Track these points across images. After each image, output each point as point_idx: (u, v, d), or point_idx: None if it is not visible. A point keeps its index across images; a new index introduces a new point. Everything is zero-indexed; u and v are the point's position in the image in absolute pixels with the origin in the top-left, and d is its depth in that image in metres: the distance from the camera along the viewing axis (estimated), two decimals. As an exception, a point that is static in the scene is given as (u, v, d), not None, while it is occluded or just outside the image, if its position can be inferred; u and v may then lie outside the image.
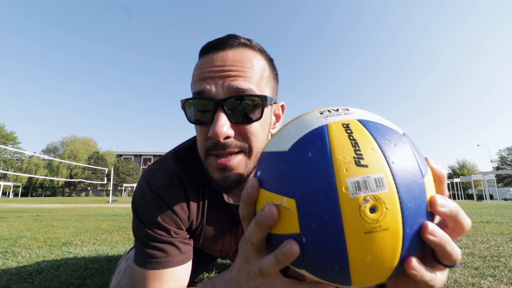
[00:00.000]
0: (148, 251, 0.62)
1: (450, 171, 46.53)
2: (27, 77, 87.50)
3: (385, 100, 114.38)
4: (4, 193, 39.17)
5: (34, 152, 44.64)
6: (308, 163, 0.31)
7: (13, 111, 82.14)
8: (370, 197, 0.28)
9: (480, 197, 29.58)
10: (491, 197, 30.49)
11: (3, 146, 10.77)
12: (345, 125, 0.33)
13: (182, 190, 0.65)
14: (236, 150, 0.56)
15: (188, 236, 0.68)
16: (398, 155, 0.31)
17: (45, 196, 48.10)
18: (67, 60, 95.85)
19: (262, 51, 0.62)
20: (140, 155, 66.71)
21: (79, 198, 25.74)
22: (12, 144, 41.48)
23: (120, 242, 2.25)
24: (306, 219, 0.30)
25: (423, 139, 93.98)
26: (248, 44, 0.59)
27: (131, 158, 63.37)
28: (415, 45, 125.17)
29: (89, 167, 46.27)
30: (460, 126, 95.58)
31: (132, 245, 0.88)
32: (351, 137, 0.31)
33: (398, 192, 0.29)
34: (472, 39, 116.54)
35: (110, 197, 15.02)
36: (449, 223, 0.32)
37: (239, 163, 0.56)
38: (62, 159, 45.41)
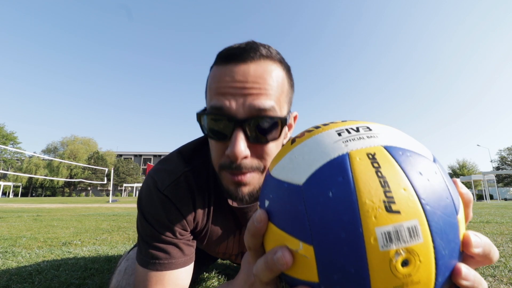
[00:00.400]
0: (152, 252, 0.62)
1: (450, 171, 46.51)
2: (27, 77, 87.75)
3: (385, 100, 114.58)
4: (4, 193, 39.17)
5: (34, 152, 44.68)
6: (329, 206, 0.26)
7: (13, 111, 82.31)
8: (402, 250, 0.24)
9: (480, 197, 29.58)
10: (491, 197, 30.47)
11: (3, 146, 10.77)
12: (370, 156, 0.28)
13: (189, 191, 0.65)
14: (251, 170, 0.55)
15: (191, 237, 0.68)
16: (433, 193, 0.27)
17: (45, 196, 48.10)
18: (67, 60, 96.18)
19: (281, 61, 0.60)
20: (140, 155, 66.70)
21: (79, 198, 25.76)
22: (12, 144, 41.48)
23: (120, 242, 2.25)
24: (326, 269, 0.26)
25: (423, 139, 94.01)
26: (268, 56, 0.56)
27: (131, 158, 63.36)
28: (415, 45, 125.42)
29: (89, 167, 46.28)
30: (460, 126, 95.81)
31: (132, 245, 0.88)
32: (379, 174, 0.26)
33: (433, 241, 0.25)
34: (472, 39, 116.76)
35: (110, 197, 15.01)
36: (479, 259, 0.29)
37: (253, 179, 0.56)
38: (62, 159, 45.42)
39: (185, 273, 0.65)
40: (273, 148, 0.57)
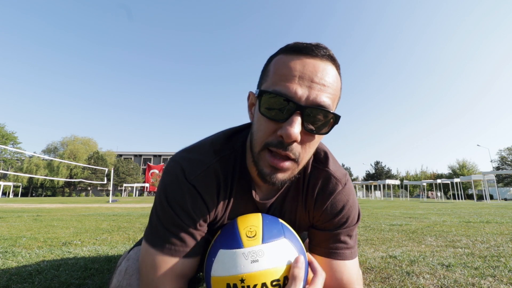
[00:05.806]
0: (170, 237, 0.63)
1: (450, 171, 46.47)
2: (27, 77, 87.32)
3: (385, 100, 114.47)
4: (4, 193, 39.18)
5: (34, 152, 44.67)
6: None
7: (13, 111, 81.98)
8: None
9: (480, 197, 29.59)
10: (491, 197, 30.48)
11: (3, 146, 10.72)
12: None
13: (215, 183, 0.66)
14: (292, 157, 0.58)
15: (207, 229, 0.69)
16: None
17: (45, 196, 48.09)
18: (67, 60, 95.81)
19: (340, 70, 0.63)
20: (140, 155, 66.71)
21: (79, 198, 25.73)
22: (12, 144, 41.48)
23: (120, 242, 2.25)
24: None
25: (424, 139, 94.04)
26: (335, 60, 0.60)
27: (131, 158, 63.38)
28: (415, 45, 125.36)
29: (89, 167, 46.26)
30: (460, 126, 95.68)
31: (133, 245, 0.88)
32: None
33: None
34: (472, 39, 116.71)
35: (110, 197, 14.97)
36: None
37: (288, 167, 0.59)
38: (62, 159, 45.43)
39: (195, 263, 0.66)
40: (316, 142, 0.61)
